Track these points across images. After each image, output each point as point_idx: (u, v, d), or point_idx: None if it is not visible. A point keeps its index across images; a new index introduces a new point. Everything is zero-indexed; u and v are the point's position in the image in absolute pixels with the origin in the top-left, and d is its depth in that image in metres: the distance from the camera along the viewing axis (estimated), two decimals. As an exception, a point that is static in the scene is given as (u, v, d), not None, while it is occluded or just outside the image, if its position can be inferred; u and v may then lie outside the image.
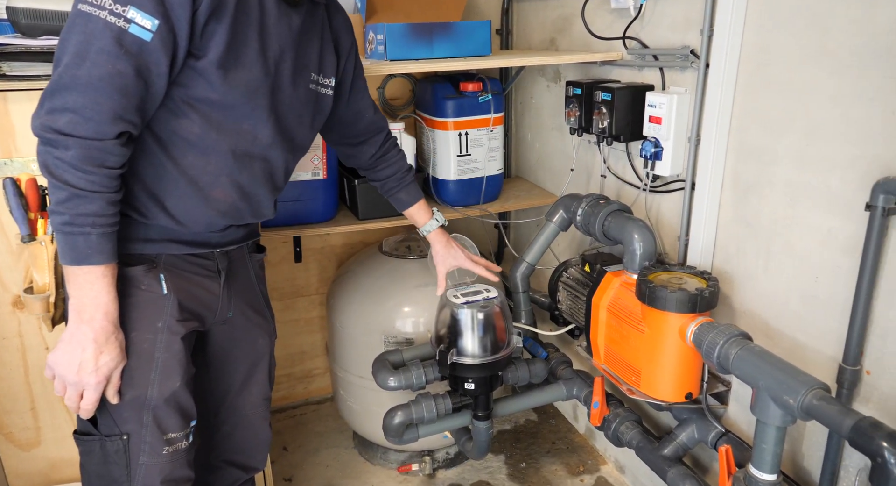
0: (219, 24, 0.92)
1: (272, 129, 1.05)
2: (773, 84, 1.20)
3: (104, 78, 0.85)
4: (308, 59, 1.10)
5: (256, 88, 1.00)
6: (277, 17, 1.00)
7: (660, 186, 1.55)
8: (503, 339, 1.55)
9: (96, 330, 0.92)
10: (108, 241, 0.90)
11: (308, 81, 1.12)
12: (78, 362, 0.92)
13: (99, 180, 0.87)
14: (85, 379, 0.93)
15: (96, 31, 0.84)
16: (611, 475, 1.96)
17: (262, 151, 1.06)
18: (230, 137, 1.01)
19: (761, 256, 1.29)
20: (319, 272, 2.33)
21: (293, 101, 1.09)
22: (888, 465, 0.89)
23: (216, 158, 1.01)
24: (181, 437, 1.04)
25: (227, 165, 1.03)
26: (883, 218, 0.99)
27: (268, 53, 1.00)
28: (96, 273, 0.90)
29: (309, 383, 2.46)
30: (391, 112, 2.18)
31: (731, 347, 1.15)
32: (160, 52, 0.88)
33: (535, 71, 2.09)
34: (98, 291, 0.91)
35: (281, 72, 1.04)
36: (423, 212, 1.51)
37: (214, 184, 1.03)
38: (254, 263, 1.24)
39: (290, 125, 1.10)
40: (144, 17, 0.85)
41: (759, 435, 1.11)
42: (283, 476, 2.02)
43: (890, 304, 1.04)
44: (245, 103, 1.00)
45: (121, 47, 0.85)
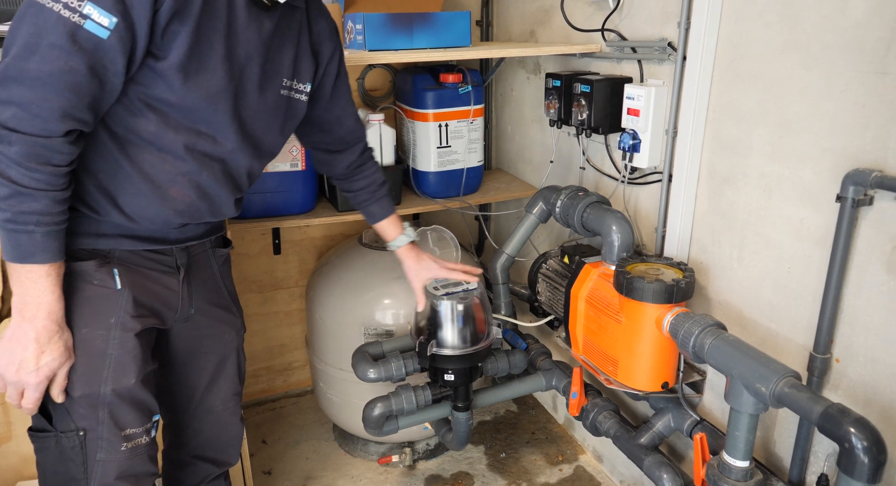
0: (182, 25, 0.88)
1: (236, 134, 1.02)
2: (748, 77, 1.22)
3: (54, 74, 0.81)
4: (280, 64, 1.06)
5: (218, 93, 0.96)
6: (247, 21, 0.97)
7: (638, 179, 1.56)
8: (483, 330, 1.56)
9: (38, 329, 0.90)
10: (53, 239, 0.87)
11: (279, 86, 1.08)
12: (18, 361, 0.90)
13: (44, 178, 0.84)
14: (25, 378, 0.91)
15: (48, 24, 0.80)
16: (589, 464, 1.99)
17: (223, 155, 1.03)
18: (188, 137, 0.98)
19: (736, 247, 1.31)
20: (299, 264, 2.31)
21: (260, 107, 1.05)
22: (855, 450, 0.92)
23: (173, 157, 0.98)
24: (141, 432, 1.02)
25: (185, 165, 0.99)
26: (853, 209, 1.02)
27: (233, 58, 0.96)
28: (40, 272, 0.88)
29: (289, 375, 2.44)
30: (371, 103, 2.16)
31: (706, 336, 1.17)
32: (117, 50, 0.84)
33: (515, 63, 2.09)
34: (41, 289, 0.89)
35: (246, 77, 1.00)
36: (394, 226, 1.47)
37: (171, 182, 0.99)
38: (217, 258, 1.21)
39: (256, 131, 1.06)
40: (102, 14, 0.81)
41: (732, 423, 1.13)
42: (262, 469, 2.01)
43: (858, 293, 1.06)
44: (205, 107, 0.96)
45: (74, 43, 0.81)
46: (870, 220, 1.02)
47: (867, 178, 0.98)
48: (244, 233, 2.18)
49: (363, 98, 2.17)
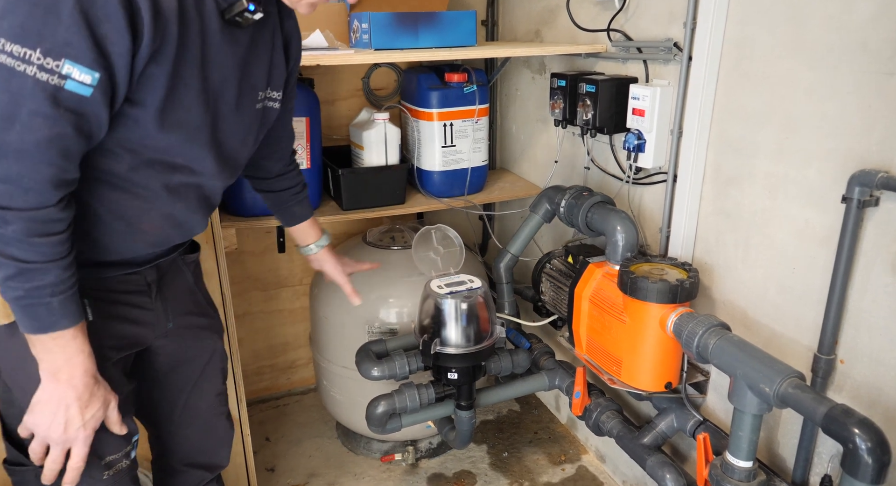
0: (158, 67, 0.82)
1: (213, 161, 0.97)
2: (753, 77, 1.22)
3: (42, 143, 0.75)
4: (256, 78, 1.01)
5: (196, 128, 0.92)
6: (221, 44, 0.90)
7: (642, 179, 1.56)
8: (486, 329, 1.56)
9: (78, 388, 0.88)
10: (71, 303, 0.84)
11: (255, 101, 1.03)
12: (63, 422, 0.88)
13: (48, 250, 0.80)
14: (73, 436, 0.89)
15: (25, 90, 0.73)
16: (592, 464, 1.99)
17: (199, 181, 0.99)
18: (163, 173, 0.93)
19: (740, 247, 1.31)
20: (303, 263, 2.31)
21: (236, 127, 1.00)
22: (859, 450, 0.92)
23: (146, 193, 0.93)
24: (121, 457, 1.00)
25: (159, 199, 0.95)
26: (858, 210, 1.01)
27: (208, 88, 0.91)
28: (66, 337, 0.84)
29: (292, 373, 2.45)
30: (376, 103, 2.17)
31: (710, 337, 1.17)
32: (101, 104, 0.78)
33: (520, 63, 2.09)
34: (72, 352, 0.86)
35: (222, 102, 0.95)
36: (315, 228, 1.42)
37: (143, 218, 0.95)
38: (188, 265, 1.17)
39: (232, 151, 1.02)
40: (83, 72, 0.74)
41: (735, 423, 1.13)
42: (265, 466, 2.02)
43: (863, 294, 1.06)
44: (182, 144, 0.92)
45: (58, 107, 0.75)
46: (875, 221, 1.02)
47: (873, 179, 0.98)
48: (248, 231, 2.18)
49: (368, 97, 2.18)
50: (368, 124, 1.91)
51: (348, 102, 2.17)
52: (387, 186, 1.93)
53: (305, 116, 1.81)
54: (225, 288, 1.60)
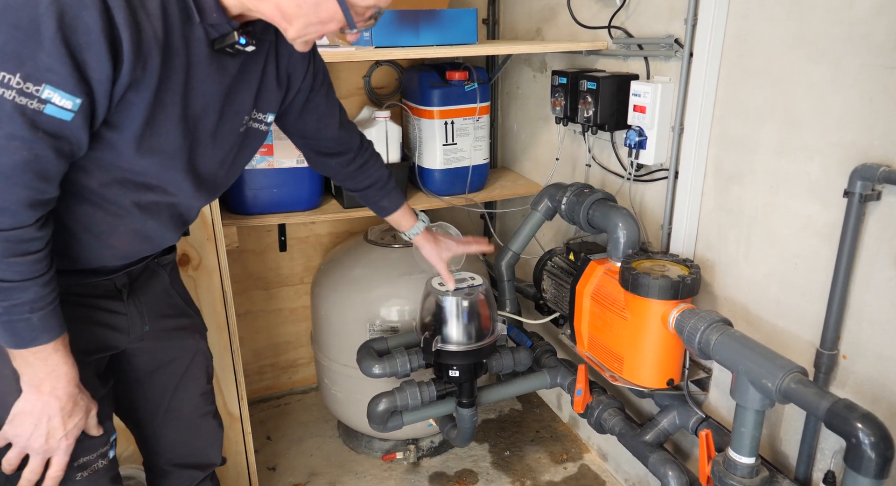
0: (138, 95, 0.81)
1: (190, 184, 0.96)
2: (755, 73, 1.22)
3: (18, 165, 0.74)
4: (240, 103, 0.99)
5: (172, 153, 0.91)
6: (207, 72, 0.90)
7: (643, 176, 1.56)
8: (487, 326, 1.56)
9: (62, 399, 0.88)
10: (52, 317, 0.84)
11: (238, 125, 1.01)
12: (45, 433, 0.88)
13: (26, 269, 0.79)
14: (55, 446, 0.89)
15: (3, 114, 0.72)
16: (594, 462, 1.99)
17: (174, 200, 0.97)
18: (135, 193, 0.92)
19: (742, 243, 1.31)
20: (305, 262, 2.31)
21: (215, 151, 0.99)
22: (862, 445, 0.91)
23: (117, 208, 0.92)
24: (96, 458, 0.99)
25: (129, 216, 0.94)
26: (860, 204, 1.01)
27: (188, 115, 0.90)
28: (47, 350, 0.84)
29: (293, 373, 2.45)
30: (377, 101, 2.17)
31: (712, 332, 1.17)
32: (81, 128, 0.78)
33: (521, 61, 2.09)
34: (54, 364, 0.86)
35: (201, 128, 0.94)
36: (407, 216, 1.44)
37: (112, 233, 0.94)
38: (163, 267, 1.15)
39: (210, 174, 1.00)
40: (64, 97, 0.74)
41: (738, 419, 1.13)
42: (266, 465, 2.01)
43: (866, 289, 1.06)
44: (157, 168, 0.91)
45: (36, 131, 0.74)
46: (877, 215, 1.02)
47: (875, 172, 0.97)
48: (249, 230, 2.19)
49: (369, 96, 2.18)
50: (369, 122, 1.91)
51: (349, 100, 2.17)
52: (388, 184, 1.93)
53: (306, 114, 1.82)
54: (226, 286, 1.60)
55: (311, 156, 1.31)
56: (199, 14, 0.84)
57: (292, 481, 1.96)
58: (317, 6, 0.85)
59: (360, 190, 1.38)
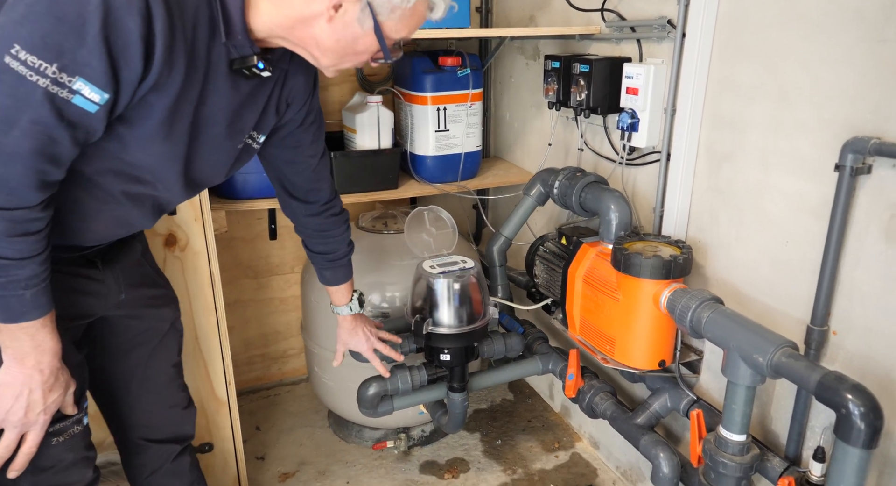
0: (158, 98, 0.84)
1: (180, 185, 0.99)
2: (747, 51, 1.22)
3: (36, 150, 0.76)
4: (245, 122, 1.02)
5: (174, 156, 0.94)
6: (221, 89, 0.93)
7: (636, 159, 1.56)
8: (479, 310, 1.55)
9: (45, 373, 0.89)
10: (43, 295, 0.85)
11: (238, 142, 1.04)
12: (25, 405, 0.88)
13: (27, 247, 0.81)
14: (33, 419, 0.90)
15: (33, 100, 0.74)
16: (585, 450, 1.98)
17: (160, 194, 1.00)
18: (126, 182, 0.93)
19: (734, 224, 1.31)
20: (295, 250, 2.30)
21: (212, 162, 1.02)
22: (852, 416, 0.91)
23: (105, 195, 0.93)
24: (71, 423, 0.99)
25: (115, 203, 0.95)
26: (851, 178, 1.01)
27: (197, 124, 0.93)
28: (35, 326, 0.86)
29: (283, 363, 2.43)
30: (368, 88, 2.16)
31: (704, 310, 1.17)
32: (101, 121, 0.81)
33: (514, 49, 2.09)
34: (41, 339, 0.87)
35: (205, 139, 0.96)
36: (341, 293, 1.45)
37: (95, 218, 0.96)
38: (135, 237, 1.16)
39: (201, 178, 1.03)
40: (93, 91, 0.77)
41: (729, 396, 1.13)
42: (255, 455, 1.99)
43: (856, 264, 1.06)
44: (155, 168, 0.93)
45: (62, 120, 0.76)
46: (868, 188, 1.02)
47: (866, 145, 0.98)
48: (239, 217, 2.17)
49: (361, 83, 2.17)
50: (361, 107, 1.90)
51: (341, 87, 2.16)
52: (379, 171, 1.92)
53: (298, 98, 1.80)
54: (214, 268, 1.58)
55: (279, 191, 1.29)
56: (226, 33, 0.88)
57: (281, 470, 1.94)
58: (355, 41, 0.89)
59: (313, 252, 1.38)
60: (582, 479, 1.86)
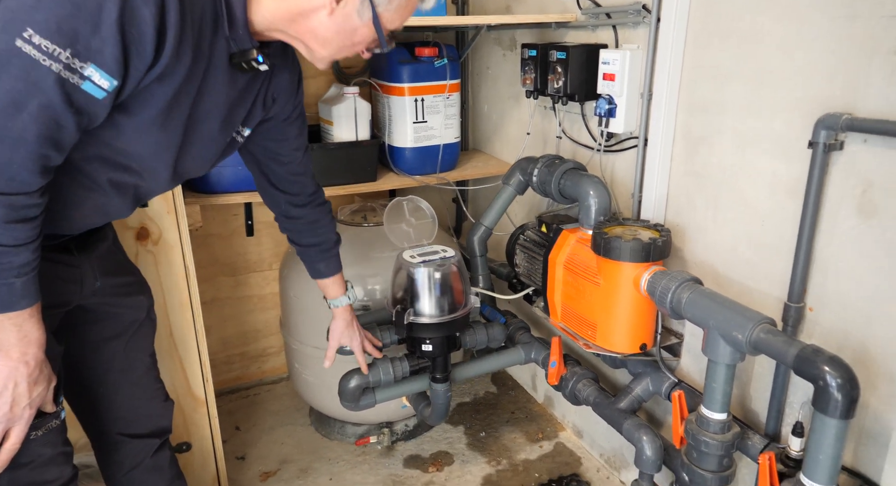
0: (161, 87, 0.85)
1: (167, 176, 0.99)
2: (721, 34, 1.23)
3: (42, 135, 0.76)
4: (237, 116, 1.03)
5: (167, 147, 0.94)
6: (220, 83, 0.93)
7: (613, 146, 1.57)
8: (461, 299, 1.54)
9: (30, 365, 0.86)
10: (32, 284, 0.84)
11: (228, 135, 1.05)
12: (10, 400, 0.86)
13: (23, 234, 0.80)
14: (18, 415, 0.87)
15: (45, 85, 0.73)
16: (569, 440, 1.98)
17: (144, 184, 0.99)
18: (113, 170, 0.93)
19: (711, 206, 1.32)
20: (273, 247, 2.26)
21: (200, 154, 1.02)
22: (829, 388, 0.92)
23: (90, 182, 0.93)
24: (50, 417, 0.97)
25: (98, 192, 0.94)
26: (824, 155, 1.03)
27: (194, 118, 0.93)
28: (23, 316, 0.84)
29: (263, 362, 2.39)
30: (345, 81, 2.14)
31: (683, 291, 1.17)
32: (106, 107, 0.81)
33: (490, 40, 2.09)
34: (27, 330, 0.85)
35: (199, 132, 0.97)
36: (337, 285, 1.43)
37: (77, 206, 0.95)
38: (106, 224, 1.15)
39: (188, 170, 1.03)
40: (103, 77, 0.77)
41: (709, 375, 1.13)
42: (235, 455, 1.96)
43: (830, 240, 1.08)
44: (146, 157, 0.93)
45: (70, 105, 0.76)
46: (840, 165, 1.04)
47: (838, 121, 0.99)
48: (214, 213, 2.13)
49: (337, 75, 2.15)
50: (338, 99, 1.88)
51: (317, 80, 2.14)
52: (357, 163, 1.90)
53: (273, 89, 1.78)
54: (189, 262, 1.54)
55: (262, 183, 1.27)
56: (229, 26, 0.88)
57: (262, 469, 1.91)
58: (353, 32, 0.91)
59: (303, 246, 1.37)
60: (566, 468, 1.86)
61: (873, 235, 1.01)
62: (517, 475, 1.84)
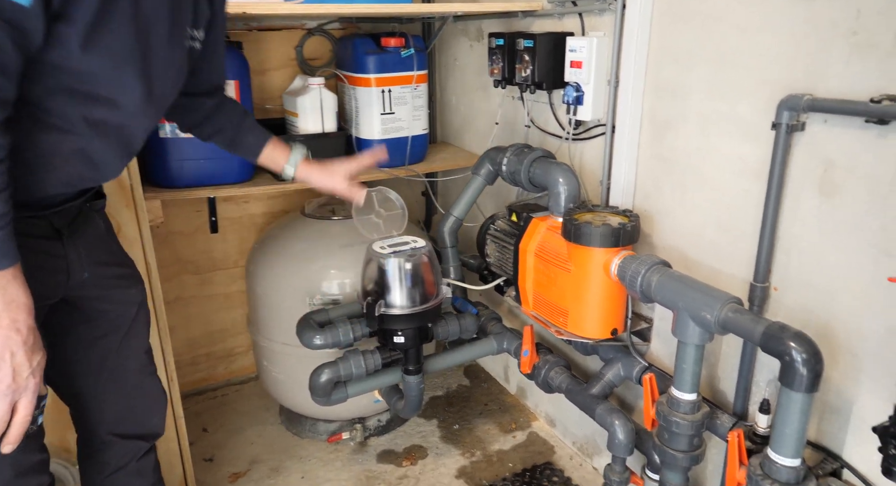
0: None
1: (141, 97, 0.92)
2: (685, 18, 1.25)
3: None
4: (185, 13, 0.98)
5: (125, 57, 0.87)
6: None
7: (582, 134, 1.58)
8: (432, 290, 1.53)
9: (23, 332, 0.82)
10: (10, 239, 0.79)
11: (184, 37, 1.00)
12: (10, 370, 0.81)
13: None
14: (23, 385, 0.83)
15: None
16: (542, 429, 1.99)
17: (122, 120, 0.93)
18: (83, 103, 0.88)
19: (677, 190, 1.34)
20: (239, 243, 2.21)
21: (168, 64, 0.96)
22: (795, 363, 0.94)
23: (63, 122, 0.88)
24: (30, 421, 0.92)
25: (75, 133, 0.89)
26: (787, 135, 1.05)
27: (140, 16, 0.87)
28: (7, 277, 0.79)
29: (231, 362, 2.33)
30: (310, 72, 2.10)
31: (653, 274, 1.19)
32: (39, 17, 0.74)
33: (457, 31, 2.08)
34: (13, 294, 0.80)
35: (154, 35, 0.91)
36: (280, 146, 1.32)
37: (56, 154, 0.89)
38: (96, 211, 1.10)
39: (162, 88, 0.97)
40: None
41: (679, 356, 1.15)
42: (203, 457, 1.90)
43: (793, 221, 1.10)
44: (108, 72, 0.86)
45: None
46: (802, 145, 1.06)
47: (800, 102, 1.01)
48: (177, 209, 2.06)
49: (302, 67, 2.11)
50: (303, 90, 1.84)
51: (281, 72, 2.09)
52: (324, 155, 1.83)
53: (234, 79, 1.73)
54: (150, 258, 1.49)
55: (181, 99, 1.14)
56: None
57: (231, 470, 1.86)
58: None
59: (218, 129, 1.27)
60: (540, 456, 1.87)
61: (834, 215, 1.03)
62: (491, 465, 1.84)
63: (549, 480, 1.76)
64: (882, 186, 0.95)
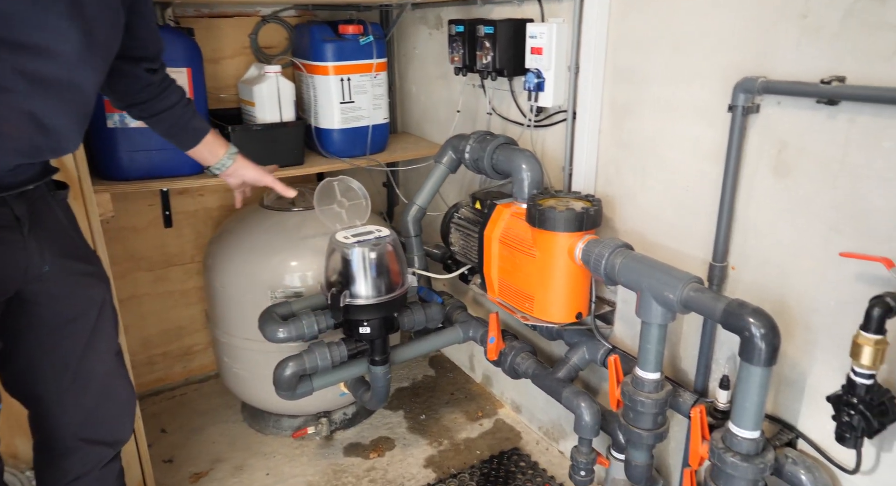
0: None
1: (78, 43, 0.85)
2: (642, 4, 1.26)
3: None
4: None
5: None
6: None
7: (543, 121, 1.59)
8: (397, 280, 1.51)
9: None
10: None
11: None
12: None
13: None
14: None
15: None
16: (508, 416, 2.01)
17: (63, 73, 0.87)
18: (12, 55, 0.81)
19: (638, 174, 1.36)
20: (194, 238, 2.14)
21: (102, 5, 0.89)
22: (754, 338, 0.97)
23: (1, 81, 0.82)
24: None
25: (15, 92, 0.83)
26: (743, 117, 1.08)
27: None
28: None
29: (189, 361, 2.26)
30: (265, 59, 2.04)
31: (616, 257, 1.20)
32: None
33: (416, 19, 2.06)
34: None
35: None
36: (219, 139, 1.30)
37: (1, 117, 0.84)
38: (59, 202, 1.05)
39: (103, 37, 0.89)
40: None
41: (643, 337, 1.17)
42: (162, 458, 1.84)
43: (749, 201, 1.14)
44: (27, 10, 0.79)
45: None
46: (757, 127, 1.09)
47: (754, 84, 1.04)
48: (128, 203, 1.98)
49: (257, 55, 2.05)
50: (259, 79, 1.79)
51: (235, 60, 2.03)
52: (283, 145, 1.82)
53: (186, 66, 1.66)
54: (101, 253, 1.42)
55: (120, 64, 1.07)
56: None
57: (192, 470, 1.80)
58: None
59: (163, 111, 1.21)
60: (507, 443, 1.88)
61: (788, 194, 1.07)
62: (459, 454, 1.84)
63: (517, 465, 1.78)
64: (832, 165, 0.99)
